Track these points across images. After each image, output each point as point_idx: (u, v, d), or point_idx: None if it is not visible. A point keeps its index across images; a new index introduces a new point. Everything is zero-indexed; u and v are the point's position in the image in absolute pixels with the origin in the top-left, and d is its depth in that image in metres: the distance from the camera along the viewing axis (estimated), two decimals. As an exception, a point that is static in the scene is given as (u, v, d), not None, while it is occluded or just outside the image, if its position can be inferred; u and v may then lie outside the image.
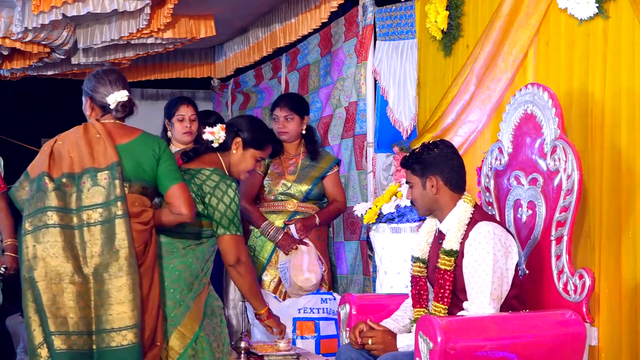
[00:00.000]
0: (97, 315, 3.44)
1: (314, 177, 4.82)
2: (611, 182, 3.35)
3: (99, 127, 3.62)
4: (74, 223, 3.50)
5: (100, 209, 3.48)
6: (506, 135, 3.65)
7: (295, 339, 4.46)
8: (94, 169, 3.52)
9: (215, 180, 3.55)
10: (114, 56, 6.35)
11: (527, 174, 3.50)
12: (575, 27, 3.55)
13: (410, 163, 3.38)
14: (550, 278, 3.29)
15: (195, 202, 3.49)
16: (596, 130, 3.45)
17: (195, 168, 3.61)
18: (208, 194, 3.52)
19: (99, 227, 3.48)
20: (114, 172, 3.50)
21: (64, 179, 3.53)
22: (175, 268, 3.50)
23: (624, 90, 3.31)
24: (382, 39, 5.29)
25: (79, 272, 3.45)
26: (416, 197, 3.39)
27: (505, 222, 3.62)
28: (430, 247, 3.45)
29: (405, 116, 5.08)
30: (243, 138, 3.70)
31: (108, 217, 3.47)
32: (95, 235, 3.48)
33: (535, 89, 3.49)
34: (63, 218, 3.49)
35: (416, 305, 3.44)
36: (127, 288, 3.43)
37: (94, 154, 3.55)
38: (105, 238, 3.46)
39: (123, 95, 3.71)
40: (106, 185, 3.50)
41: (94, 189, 3.50)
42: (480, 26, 4.22)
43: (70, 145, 3.58)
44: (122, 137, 3.64)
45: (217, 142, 3.65)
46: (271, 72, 7.19)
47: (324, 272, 4.78)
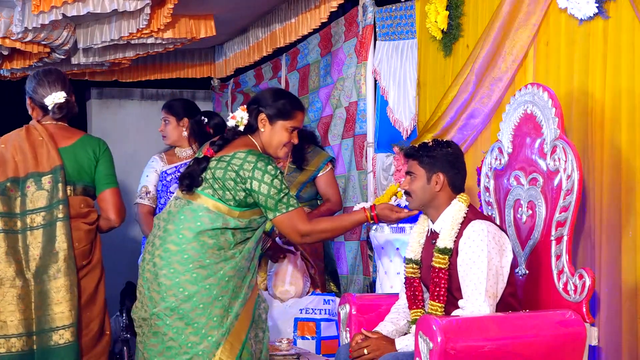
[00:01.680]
0: (37, 316, 3.55)
1: (300, 182, 4.78)
2: (611, 182, 3.35)
3: (40, 130, 3.70)
4: (18, 227, 3.60)
5: (44, 212, 3.59)
6: (506, 135, 3.65)
7: (296, 339, 4.46)
8: (38, 173, 3.62)
9: (251, 161, 3.26)
10: (114, 56, 6.35)
11: (527, 174, 3.50)
12: (575, 27, 3.55)
13: (420, 154, 3.35)
14: (550, 278, 3.29)
15: (236, 191, 3.26)
16: (596, 130, 3.45)
17: (229, 153, 3.33)
18: (248, 179, 3.24)
19: (41, 231, 3.58)
20: (57, 175, 3.60)
21: (8, 183, 3.63)
22: (225, 274, 3.25)
23: (624, 90, 3.31)
24: (382, 39, 5.29)
25: (20, 275, 3.57)
26: (416, 189, 3.36)
27: (505, 222, 3.62)
28: (423, 247, 3.45)
29: (405, 116, 5.08)
30: (267, 113, 3.41)
31: (50, 220, 3.56)
32: (37, 239, 3.58)
33: (535, 89, 3.49)
34: (7, 223, 3.59)
35: (412, 307, 3.45)
36: (65, 289, 3.55)
37: (38, 158, 3.64)
38: (46, 241, 3.55)
39: (60, 97, 3.72)
40: (49, 189, 3.59)
41: (37, 193, 3.60)
42: (480, 26, 4.22)
43: (14, 149, 3.67)
44: (65, 139, 3.71)
45: (242, 125, 3.40)
46: (271, 72, 7.19)
47: (314, 274, 4.77)
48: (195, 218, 3.27)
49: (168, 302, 3.23)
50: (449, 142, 3.41)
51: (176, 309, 3.22)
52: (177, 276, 3.22)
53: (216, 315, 3.23)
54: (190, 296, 3.21)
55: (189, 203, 3.31)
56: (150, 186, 4.72)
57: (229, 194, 3.27)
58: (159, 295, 3.25)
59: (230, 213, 3.28)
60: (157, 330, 3.26)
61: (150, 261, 3.29)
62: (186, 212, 3.29)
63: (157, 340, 3.26)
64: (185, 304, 3.21)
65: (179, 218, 3.29)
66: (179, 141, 4.77)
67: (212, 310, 3.22)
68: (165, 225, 3.32)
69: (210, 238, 3.25)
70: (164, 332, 3.24)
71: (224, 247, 3.27)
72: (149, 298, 3.28)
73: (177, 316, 3.22)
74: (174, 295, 3.23)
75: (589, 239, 3.45)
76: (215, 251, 3.26)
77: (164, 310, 3.23)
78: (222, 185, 3.27)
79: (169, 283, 3.23)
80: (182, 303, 3.22)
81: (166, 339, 3.24)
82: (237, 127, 3.42)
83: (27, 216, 3.60)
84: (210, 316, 3.22)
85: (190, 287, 3.22)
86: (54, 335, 3.55)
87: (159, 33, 5.70)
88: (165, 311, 3.23)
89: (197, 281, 3.22)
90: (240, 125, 3.41)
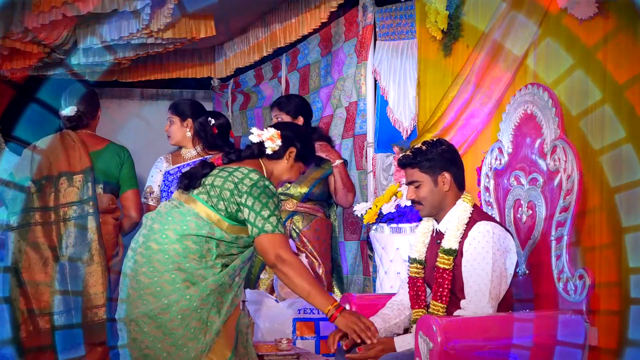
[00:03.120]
0: (74, 297, 4.14)
1: (313, 179, 4.84)
2: (611, 182, 3.35)
3: (73, 136, 4.33)
4: (52, 219, 4.18)
5: (75, 206, 4.18)
6: (506, 135, 3.65)
7: (295, 339, 4.46)
8: (70, 172, 4.20)
9: (253, 178, 3.25)
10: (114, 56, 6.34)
11: (527, 174, 3.50)
12: (576, 26, 3.55)
13: (418, 161, 3.30)
14: (551, 278, 3.29)
15: (229, 203, 3.24)
16: (596, 131, 3.44)
17: (234, 166, 3.33)
18: (245, 194, 3.22)
19: (73, 222, 4.15)
20: (87, 175, 4.20)
21: (43, 181, 4.22)
22: (207, 287, 3.21)
23: (624, 90, 3.31)
24: (382, 39, 5.29)
25: (56, 261, 4.16)
26: (425, 196, 3.30)
27: (505, 222, 3.62)
28: (427, 247, 3.43)
29: (405, 116, 5.08)
30: (297, 149, 3.43)
31: (81, 213, 4.15)
32: (70, 229, 4.16)
33: (535, 89, 3.49)
34: (42, 216, 4.18)
35: (414, 306, 3.43)
36: (97, 273, 4.16)
37: (70, 160, 4.24)
38: (79, 231, 4.14)
39: (71, 111, 4.41)
40: (80, 187, 4.18)
41: (69, 190, 4.18)
42: (480, 26, 4.21)
43: (49, 151, 4.28)
44: (95, 145, 4.36)
45: (273, 150, 3.38)
46: (271, 72, 7.18)
47: (322, 273, 4.78)
48: (183, 221, 3.25)
49: (147, 305, 3.19)
50: (440, 140, 3.37)
51: (154, 317, 3.18)
52: (155, 275, 3.19)
53: (193, 327, 3.19)
54: (169, 305, 3.17)
55: (180, 205, 3.30)
56: (154, 186, 4.75)
57: (222, 204, 3.25)
58: (136, 292, 3.22)
59: (219, 223, 3.25)
60: (135, 336, 3.24)
61: (132, 258, 3.28)
62: (175, 214, 3.28)
63: (135, 347, 3.24)
64: (164, 314, 3.18)
65: (166, 219, 3.28)
66: (183, 141, 4.77)
67: (190, 322, 3.19)
68: (151, 224, 3.30)
69: (193, 243, 3.23)
70: (141, 340, 3.22)
71: (206, 255, 3.24)
72: (126, 295, 3.26)
73: (155, 325, 3.19)
74: (151, 294, 3.19)
75: (589, 239, 3.45)
76: (197, 257, 3.23)
77: (142, 317, 3.20)
78: (218, 194, 3.25)
79: (147, 281, 3.20)
80: (161, 312, 3.18)
81: (142, 346, 3.21)
82: (262, 148, 3.38)
83: (60, 209, 4.16)
84: (187, 327, 3.19)
85: (168, 288, 3.18)
86: (89, 314, 4.13)
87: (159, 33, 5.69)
88: (143, 318, 3.19)
89: (174, 283, 3.18)
90: (270, 150, 3.38)
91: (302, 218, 4.85)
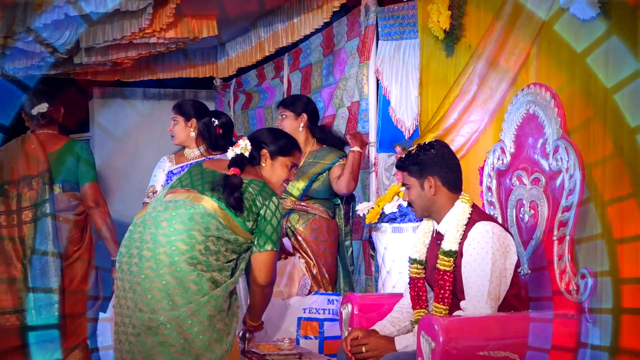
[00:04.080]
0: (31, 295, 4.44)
1: (312, 173, 4.83)
2: (613, 182, 3.35)
3: (33, 139, 4.56)
4: (15, 222, 4.44)
5: (34, 209, 4.44)
6: (508, 135, 3.65)
7: (299, 338, 4.46)
8: (29, 176, 4.44)
9: (268, 192, 3.43)
10: (116, 56, 6.34)
11: (529, 173, 3.50)
12: (578, 26, 3.55)
13: (406, 164, 3.36)
14: (553, 278, 3.29)
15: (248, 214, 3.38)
16: (598, 130, 3.44)
17: (246, 178, 3.46)
18: (263, 206, 3.40)
19: (32, 224, 4.43)
20: (44, 178, 4.43)
21: (6, 185, 4.46)
22: (227, 287, 3.28)
23: (627, 90, 3.31)
24: (385, 38, 5.29)
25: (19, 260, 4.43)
26: (414, 199, 3.37)
27: (507, 222, 3.62)
28: (428, 248, 3.44)
29: (408, 116, 5.08)
30: (269, 149, 3.60)
31: (39, 215, 4.42)
32: (30, 231, 4.43)
33: (537, 88, 3.49)
34: (6, 219, 4.45)
35: (416, 307, 3.44)
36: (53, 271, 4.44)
37: (30, 163, 4.47)
38: (37, 232, 4.41)
39: (43, 108, 4.63)
40: (38, 189, 4.43)
41: (30, 193, 4.43)
42: (482, 26, 4.22)
43: (12, 156, 4.50)
44: (52, 145, 4.56)
45: (246, 151, 3.54)
46: (273, 71, 7.19)
47: (316, 274, 4.77)
48: (204, 222, 3.29)
49: (172, 305, 3.18)
50: (431, 143, 3.39)
51: (185, 319, 3.18)
52: (182, 274, 3.20)
53: (218, 329, 3.24)
54: (200, 307, 3.19)
55: (201, 208, 3.32)
56: (157, 186, 4.75)
57: (245, 213, 3.37)
58: (160, 293, 3.19)
59: (235, 229, 3.34)
60: (165, 340, 3.19)
61: (152, 258, 3.24)
62: (196, 216, 3.30)
63: (163, 351, 3.20)
64: (194, 316, 3.19)
65: (190, 220, 3.29)
66: (187, 141, 4.78)
67: (216, 323, 3.24)
68: (172, 224, 3.28)
69: (213, 245, 3.28)
70: (172, 343, 3.19)
71: (220, 257, 3.30)
72: (150, 297, 3.20)
73: (186, 327, 3.18)
74: (178, 295, 3.19)
75: (591, 239, 3.45)
76: (215, 258, 3.28)
77: (172, 320, 3.18)
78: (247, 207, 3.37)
79: (173, 282, 3.19)
80: (192, 314, 3.19)
81: (173, 350, 3.19)
82: (241, 155, 3.53)
83: (22, 212, 4.40)
84: (214, 330, 3.23)
85: (194, 287, 3.19)
86: (43, 312, 4.38)
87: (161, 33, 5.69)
88: (173, 321, 3.18)
89: (200, 283, 3.20)
90: (244, 151, 3.53)
91: (298, 216, 4.83)
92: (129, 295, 3.26)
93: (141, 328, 3.22)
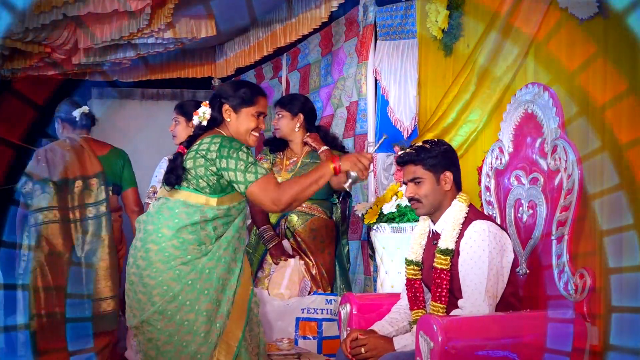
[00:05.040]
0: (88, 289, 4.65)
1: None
2: (612, 181, 3.35)
3: (81, 141, 4.73)
4: (71, 218, 4.63)
5: (91, 207, 4.63)
6: (507, 134, 3.65)
7: (298, 338, 4.46)
8: (84, 176, 4.60)
9: (216, 142, 3.28)
10: (115, 56, 6.34)
11: (527, 173, 3.50)
12: (576, 26, 3.55)
13: (422, 157, 3.30)
14: (551, 277, 3.29)
15: (208, 176, 3.26)
16: (597, 130, 3.44)
17: (195, 144, 3.35)
18: (217, 159, 3.25)
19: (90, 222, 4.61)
20: (100, 179, 4.64)
21: (61, 183, 4.56)
22: (204, 267, 3.25)
23: (625, 89, 3.31)
24: (383, 38, 5.29)
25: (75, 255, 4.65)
26: (427, 194, 3.30)
27: (505, 222, 3.62)
28: (424, 249, 3.44)
29: (406, 116, 5.08)
30: (230, 104, 3.44)
31: (97, 214, 4.60)
32: (87, 228, 4.62)
33: (535, 88, 3.49)
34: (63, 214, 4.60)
35: (413, 307, 3.44)
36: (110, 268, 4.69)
37: (82, 164, 4.63)
38: (94, 230, 4.61)
39: (85, 109, 4.87)
40: (95, 189, 4.63)
41: (86, 192, 4.61)
42: (480, 25, 4.22)
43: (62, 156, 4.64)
44: (100, 149, 4.76)
45: (205, 120, 3.43)
46: (272, 71, 7.19)
47: (315, 274, 4.77)
48: (173, 215, 3.27)
49: (155, 305, 3.21)
50: (440, 140, 3.40)
51: (164, 311, 3.20)
52: (160, 275, 3.21)
53: (205, 310, 3.23)
54: (175, 296, 3.20)
55: (167, 200, 3.32)
56: (158, 186, 4.76)
57: (203, 182, 3.28)
58: (145, 296, 3.24)
59: (208, 202, 3.28)
60: (151, 336, 3.25)
61: (134, 264, 3.28)
62: (164, 210, 3.30)
63: (152, 346, 3.25)
64: (171, 305, 3.21)
65: (158, 217, 3.30)
66: None
67: (200, 305, 3.22)
68: (145, 227, 3.31)
69: (190, 234, 3.25)
70: (157, 338, 3.23)
71: (205, 242, 3.28)
72: (136, 301, 3.27)
73: (166, 319, 3.21)
74: (159, 295, 3.21)
75: (590, 238, 3.45)
76: (196, 247, 3.26)
77: (153, 316, 3.22)
78: (194, 175, 3.28)
79: (153, 283, 3.22)
80: (168, 305, 3.20)
81: (159, 344, 3.23)
82: (201, 123, 3.43)
83: (76, 210, 4.58)
84: (199, 312, 3.22)
85: (174, 285, 3.21)
86: (102, 304, 4.65)
87: (159, 33, 5.69)
88: (154, 316, 3.22)
89: (180, 278, 3.21)
90: (203, 121, 3.43)
91: (297, 217, 4.82)
92: (128, 302, 3.36)
93: (135, 330, 3.41)
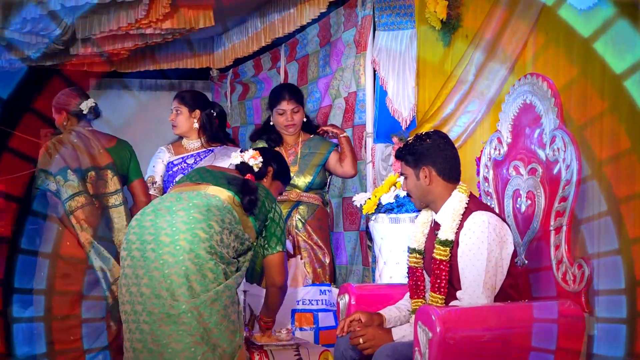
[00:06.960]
0: None
1: (314, 166, 4.82)
2: (610, 171, 3.35)
3: (87, 133, 4.63)
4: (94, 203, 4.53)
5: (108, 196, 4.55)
6: (505, 125, 3.64)
7: (294, 330, 4.46)
8: (96, 167, 4.49)
9: (272, 198, 3.61)
10: (113, 47, 6.33)
11: (526, 164, 3.50)
12: (575, 16, 3.54)
13: (403, 154, 3.38)
14: (549, 268, 3.29)
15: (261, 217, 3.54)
16: (595, 120, 3.44)
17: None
18: (271, 210, 3.57)
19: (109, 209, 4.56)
20: (113, 170, 4.54)
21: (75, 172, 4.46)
22: (236, 280, 3.37)
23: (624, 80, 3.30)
24: (381, 29, 5.28)
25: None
26: (411, 189, 3.39)
27: (504, 212, 3.62)
28: (427, 238, 3.45)
29: (405, 106, 5.07)
30: (274, 169, 3.80)
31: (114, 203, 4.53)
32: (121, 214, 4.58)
33: (534, 79, 3.48)
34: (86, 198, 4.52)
35: (414, 296, 3.45)
36: None
37: (92, 155, 4.53)
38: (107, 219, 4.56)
39: (91, 102, 4.73)
40: (109, 180, 4.54)
41: (99, 182, 4.49)
42: (479, 16, 4.21)
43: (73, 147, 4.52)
44: (107, 142, 4.67)
45: (257, 167, 3.70)
46: (270, 62, 7.18)
47: (327, 263, 4.79)
48: (222, 214, 3.35)
49: (196, 294, 3.19)
50: (429, 133, 3.39)
51: (205, 307, 3.20)
52: (202, 262, 3.23)
53: (232, 321, 3.30)
54: (218, 295, 3.23)
55: (213, 198, 3.40)
56: (157, 177, 4.76)
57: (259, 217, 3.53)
58: (181, 280, 3.19)
59: (246, 225, 3.46)
60: (185, 329, 3.19)
61: (171, 243, 3.22)
62: (212, 207, 3.35)
63: (181, 340, 3.19)
64: (213, 305, 3.22)
65: (205, 209, 3.33)
66: (189, 132, 4.79)
67: (231, 314, 3.29)
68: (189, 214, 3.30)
69: (227, 238, 3.34)
70: (191, 333, 3.18)
71: (230, 253, 3.36)
72: (170, 283, 3.19)
73: (206, 316, 3.20)
74: (196, 281, 3.20)
75: (588, 229, 3.45)
76: (226, 253, 3.33)
77: (193, 309, 3.18)
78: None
79: (193, 268, 3.21)
80: (211, 303, 3.21)
81: (191, 339, 3.18)
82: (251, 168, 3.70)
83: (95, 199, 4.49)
84: (230, 320, 3.28)
85: (210, 275, 3.22)
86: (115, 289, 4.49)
87: (157, 23, 5.68)
88: (194, 310, 3.18)
89: (216, 271, 3.24)
90: (255, 167, 3.71)
91: (306, 208, 4.83)
92: (144, 282, 3.23)
93: (158, 315, 3.20)
